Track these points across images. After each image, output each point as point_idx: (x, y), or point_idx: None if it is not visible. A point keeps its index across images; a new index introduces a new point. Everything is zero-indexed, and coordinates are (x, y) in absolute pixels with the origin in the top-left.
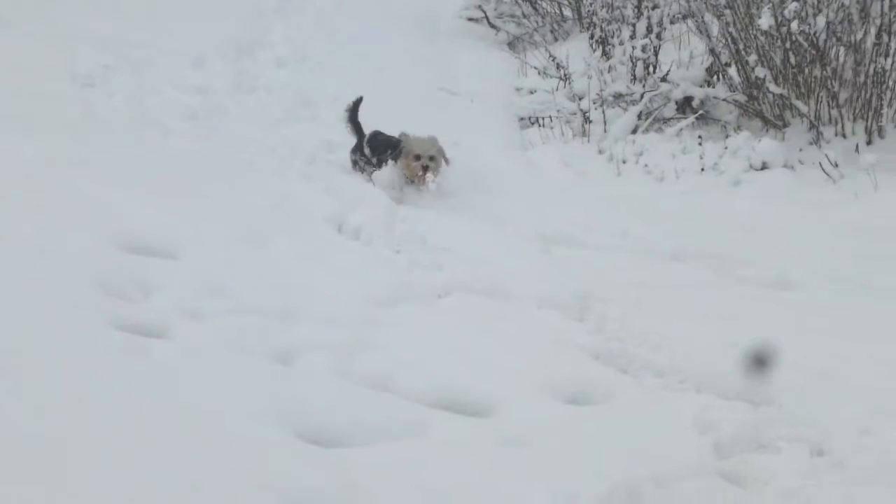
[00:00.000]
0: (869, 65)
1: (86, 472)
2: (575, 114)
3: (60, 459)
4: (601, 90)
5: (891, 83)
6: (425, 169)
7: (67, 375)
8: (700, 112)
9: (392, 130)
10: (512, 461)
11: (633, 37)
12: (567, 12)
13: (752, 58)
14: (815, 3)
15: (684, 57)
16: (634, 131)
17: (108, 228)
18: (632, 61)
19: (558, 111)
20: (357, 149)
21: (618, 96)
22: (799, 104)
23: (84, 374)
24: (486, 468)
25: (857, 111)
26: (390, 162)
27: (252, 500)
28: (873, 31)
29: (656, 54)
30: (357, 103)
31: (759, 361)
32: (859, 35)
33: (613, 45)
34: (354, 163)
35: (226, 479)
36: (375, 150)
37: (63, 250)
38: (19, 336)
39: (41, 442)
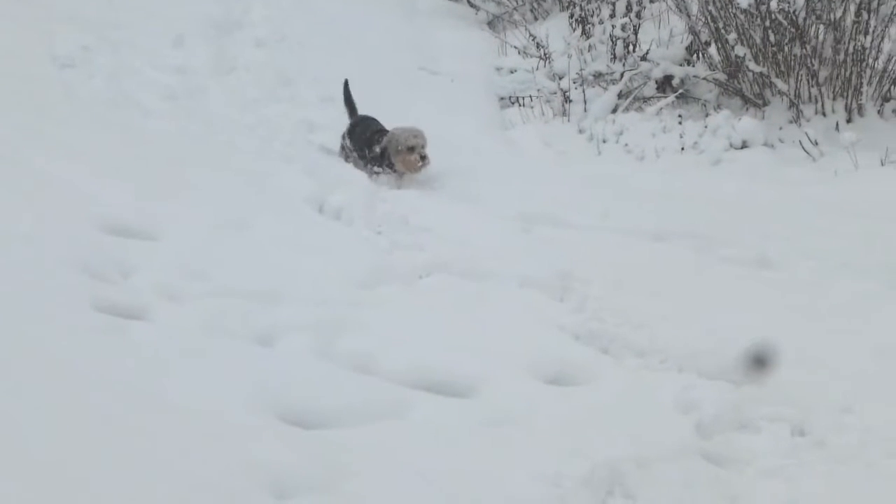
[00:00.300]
0: (849, 43)
1: (64, 458)
2: (555, 93)
3: (41, 446)
4: (581, 69)
5: (870, 61)
6: (423, 158)
7: (46, 357)
8: (680, 91)
9: (374, 110)
10: (494, 442)
11: (612, 15)
12: None
13: (732, 36)
14: None
15: (664, 36)
16: (614, 110)
17: (88, 210)
18: (611, 40)
19: (538, 90)
20: (345, 133)
21: (598, 75)
22: (779, 82)
23: (63, 357)
24: (469, 449)
25: (836, 89)
26: (383, 169)
27: (236, 484)
28: (853, 8)
29: (636, 33)
30: (345, 86)
31: (759, 361)
32: (839, 13)
33: (593, 24)
34: (342, 148)
35: (208, 463)
36: (355, 142)
37: (42, 231)
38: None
39: (23, 427)
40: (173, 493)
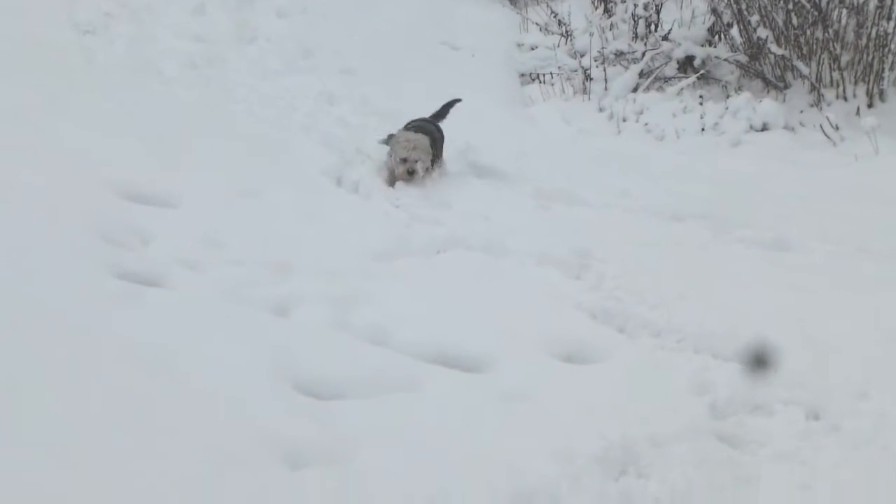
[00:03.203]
0: (871, 27)
1: (77, 426)
2: (576, 71)
3: (58, 414)
4: (602, 48)
5: (893, 46)
6: (411, 173)
7: (63, 324)
8: (701, 72)
9: (396, 83)
10: (507, 417)
11: None
12: None
13: (755, 18)
14: None
15: (686, 16)
16: (635, 90)
17: (106, 175)
18: (633, 19)
19: (559, 68)
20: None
21: (619, 54)
22: (800, 65)
23: (81, 324)
24: (482, 424)
25: (858, 74)
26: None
27: (252, 454)
28: None
29: (658, 13)
30: (450, 105)
31: (760, 361)
32: None
33: (615, 3)
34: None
35: (224, 433)
36: None
37: (61, 196)
38: (19, 284)
39: (42, 395)
40: (189, 463)
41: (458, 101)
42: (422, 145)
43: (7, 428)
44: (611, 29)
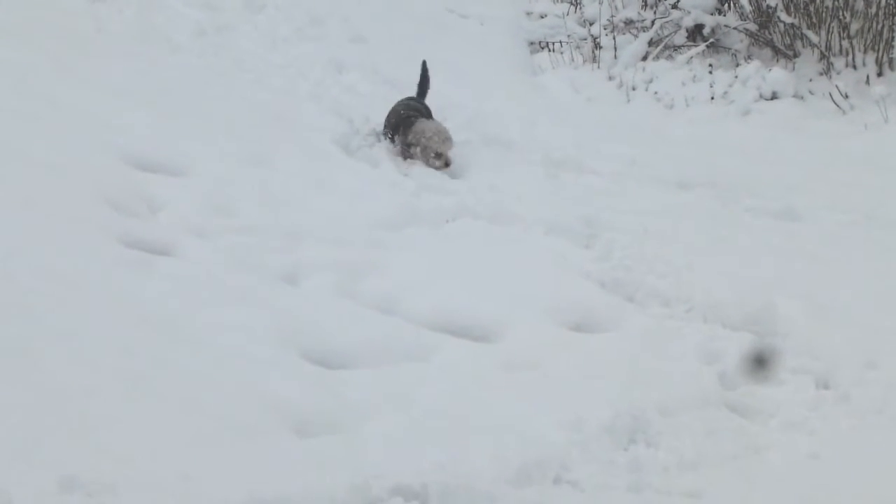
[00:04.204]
0: None
1: (87, 390)
2: (585, 39)
3: (67, 377)
4: (612, 16)
5: None
6: (448, 165)
7: (72, 290)
8: (711, 40)
9: (404, 52)
10: (516, 385)
11: None
12: None
13: None
14: None
15: None
16: (644, 58)
17: (115, 143)
18: None
19: (569, 36)
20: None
21: (629, 22)
22: (810, 34)
23: (89, 290)
24: (491, 393)
25: (868, 42)
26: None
27: (260, 421)
28: None
29: None
30: (426, 72)
31: (760, 361)
32: None
33: None
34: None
35: (233, 399)
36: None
37: (71, 164)
38: (24, 250)
39: (51, 358)
40: (198, 428)
41: (425, 62)
42: (449, 134)
43: (14, 395)
44: None
